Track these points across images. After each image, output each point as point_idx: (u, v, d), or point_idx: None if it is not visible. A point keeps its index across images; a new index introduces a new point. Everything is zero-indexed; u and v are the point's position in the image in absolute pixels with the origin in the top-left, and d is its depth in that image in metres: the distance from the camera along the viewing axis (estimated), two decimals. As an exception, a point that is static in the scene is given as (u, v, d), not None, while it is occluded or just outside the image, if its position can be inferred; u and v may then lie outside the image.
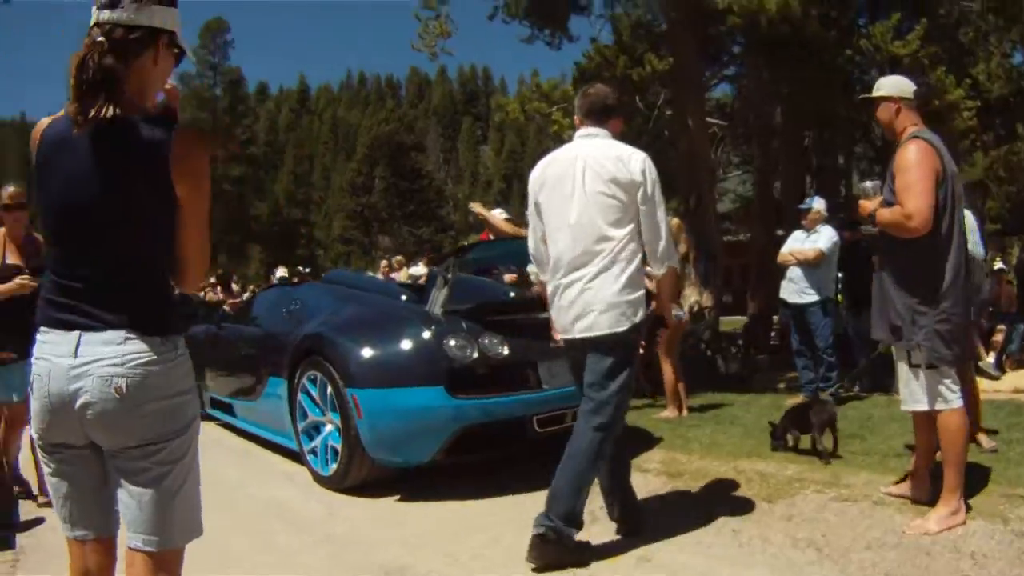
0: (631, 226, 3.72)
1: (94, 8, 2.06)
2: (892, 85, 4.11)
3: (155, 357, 2.02)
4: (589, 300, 3.69)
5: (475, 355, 4.96)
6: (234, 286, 19.82)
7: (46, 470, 2.13)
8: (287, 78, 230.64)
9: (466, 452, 5.00)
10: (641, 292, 3.78)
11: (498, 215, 7.16)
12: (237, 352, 7.16)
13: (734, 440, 5.90)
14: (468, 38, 14.43)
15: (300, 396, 5.55)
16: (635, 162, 3.72)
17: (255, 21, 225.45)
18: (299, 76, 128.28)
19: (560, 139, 12.95)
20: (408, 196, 63.62)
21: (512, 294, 6.26)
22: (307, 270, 20.81)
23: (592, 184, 3.70)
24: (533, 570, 3.62)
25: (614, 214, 3.69)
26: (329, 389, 5.21)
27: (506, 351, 5.09)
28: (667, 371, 7.32)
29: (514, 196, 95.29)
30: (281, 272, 18.43)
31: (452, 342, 4.95)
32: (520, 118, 13.48)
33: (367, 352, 5.10)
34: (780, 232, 12.80)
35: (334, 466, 5.21)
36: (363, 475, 5.11)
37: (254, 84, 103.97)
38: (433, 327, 5.07)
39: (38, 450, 2.14)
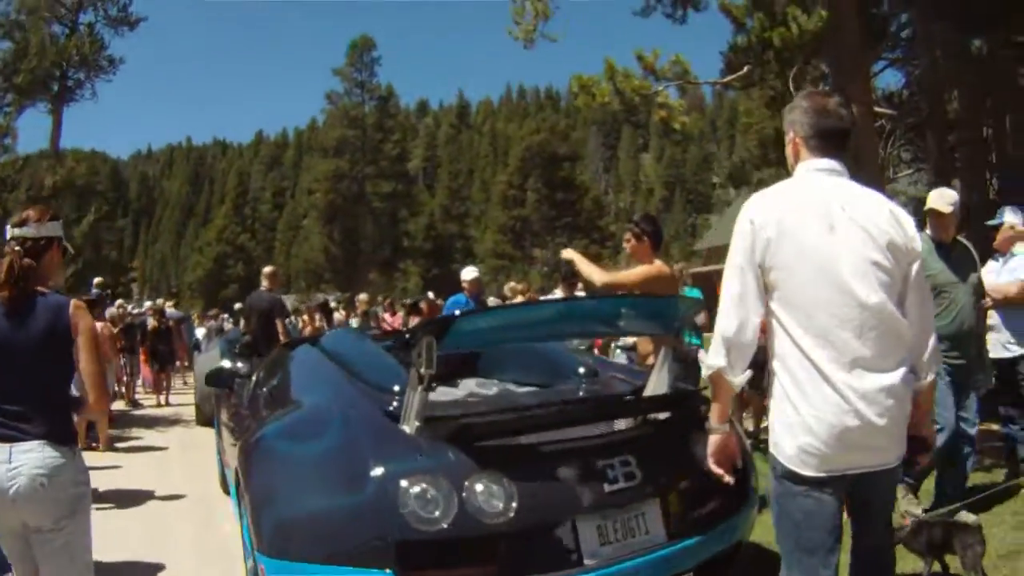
0: None
1: (8, 227, 3.21)
2: None
3: (64, 461, 2.95)
4: (899, 418, 2.53)
5: (450, 516, 2.97)
6: (338, 314, 17.89)
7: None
8: (447, 95, 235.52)
9: None
10: None
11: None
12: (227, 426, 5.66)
13: None
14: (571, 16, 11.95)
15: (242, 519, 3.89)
16: (909, 223, 2.66)
17: (413, 40, 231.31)
18: (458, 92, 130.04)
19: (669, 128, 10.24)
20: (564, 208, 61.74)
21: (540, 396, 4.31)
22: (431, 295, 19.06)
23: (865, 250, 2.52)
24: None
25: (894, 294, 2.55)
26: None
27: (513, 505, 3.05)
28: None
29: (676, 204, 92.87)
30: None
31: (413, 491, 2.96)
32: (612, 103, 10.46)
33: (279, 501, 3.33)
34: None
35: None
36: None
37: (414, 101, 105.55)
38: (389, 464, 3.09)
39: None
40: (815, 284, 2.48)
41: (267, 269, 10.04)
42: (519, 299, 11.09)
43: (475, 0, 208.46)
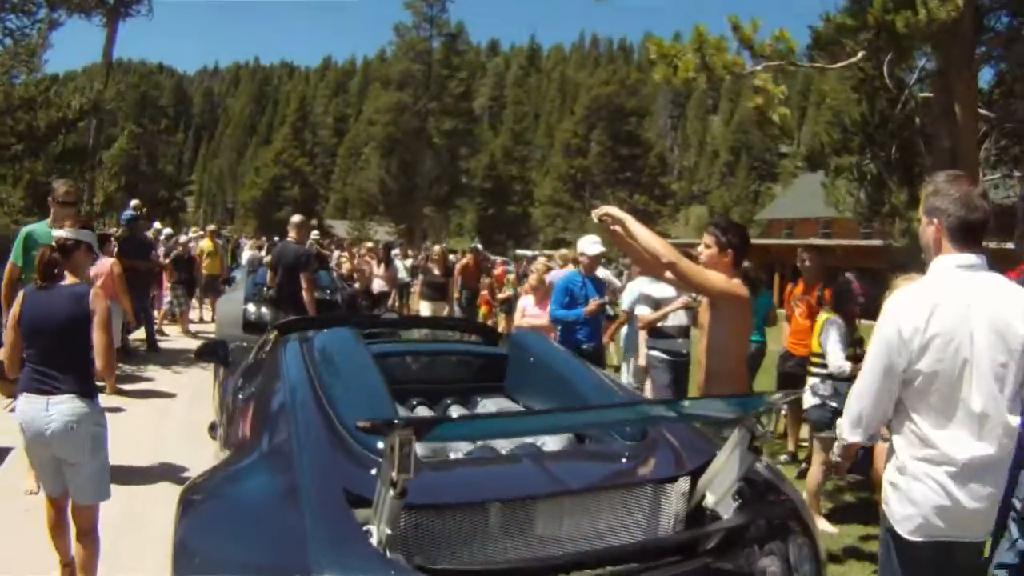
0: None
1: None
2: None
3: (88, 410, 3.87)
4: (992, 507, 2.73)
5: None
6: (399, 261, 16.70)
7: (32, 464, 4.31)
8: (519, 38, 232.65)
9: None
10: None
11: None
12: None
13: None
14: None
15: None
16: None
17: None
18: (530, 36, 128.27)
19: (765, 119, 8.77)
20: (626, 162, 60.39)
21: (576, 474, 2.91)
22: (479, 246, 18.03)
23: (992, 353, 2.62)
24: None
25: (1010, 391, 2.65)
26: None
27: None
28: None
29: (740, 169, 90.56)
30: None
31: None
32: (697, 80, 8.50)
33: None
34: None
35: None
36: None
37: (485, 41, 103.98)
38: None
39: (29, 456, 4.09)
40: (952, 393, 2.63)
41: (295, 219, 9.13)
42: (567, 268, 10.14)
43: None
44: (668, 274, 3.82)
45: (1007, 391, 2.62)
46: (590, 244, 6.93)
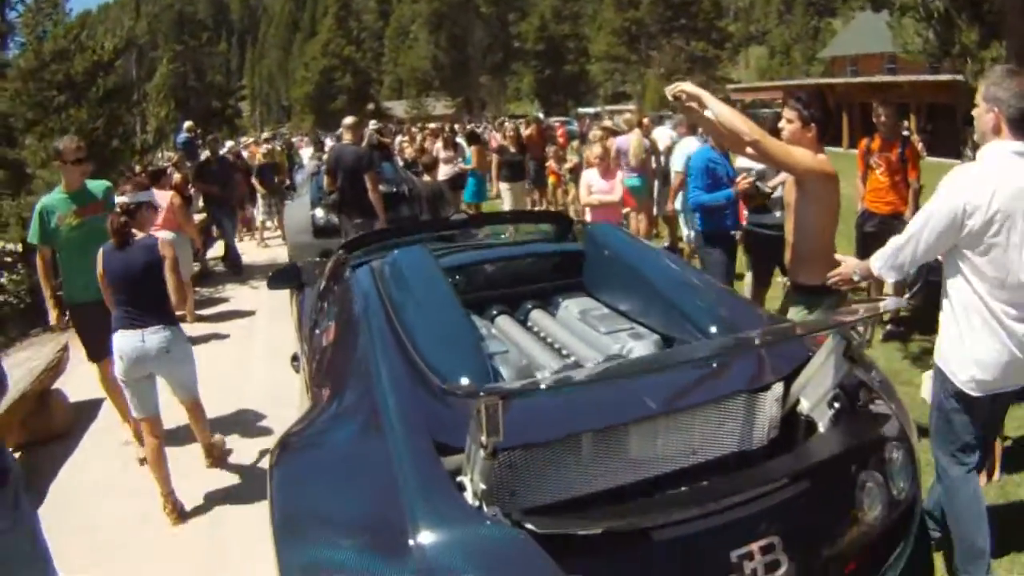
0: None
1: (116, 196, 5.27)
2: None
3: (174, 336, 4.65)
4: None
5: None
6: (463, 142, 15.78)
7: (128, 392, 4.65)
8: None
9: None
10: None
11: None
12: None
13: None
14: None
15: None
16: None
17: None
18: None
19: None
20: (680, 9, 57.66)
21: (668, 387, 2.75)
22: (540, 115, 17.23)
23: None
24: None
25: None
26: None
27: None
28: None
29: (797, 6, 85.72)
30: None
31: None
32: None
33: (304, 535, 2.29)
34: None
35: None
36: None
37: None
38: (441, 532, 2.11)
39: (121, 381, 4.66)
40: (1006, 262, 3.04)
41: (347, 121, 8.68)
42: (634, 134, 9.48)
43: None
44: (750, 151, 3.80)
45: None
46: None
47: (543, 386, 2.03)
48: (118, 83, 10.89)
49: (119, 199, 5.03)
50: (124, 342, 4.53)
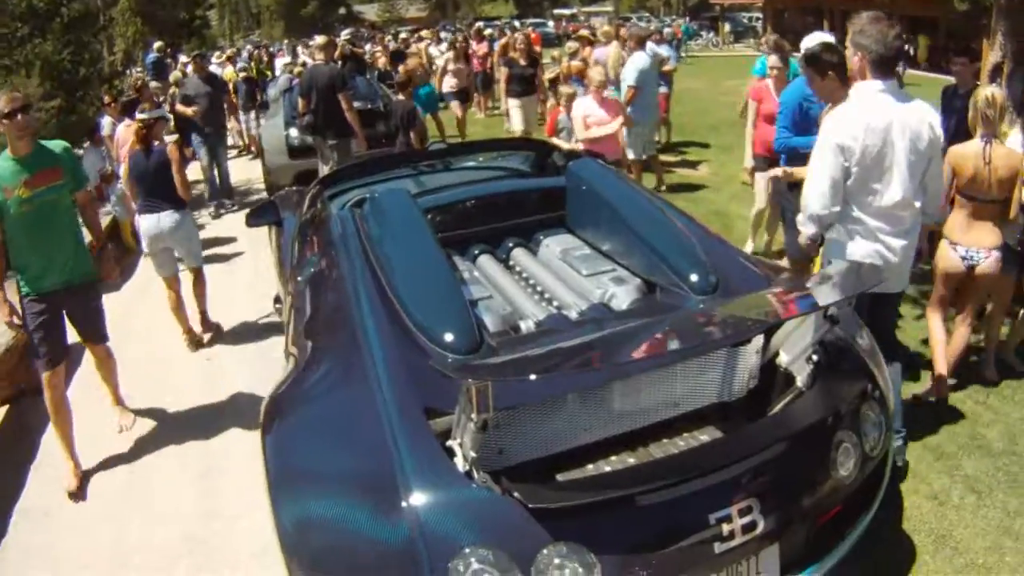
0: None
1: (136, 114, 6.19)
2: None
3: (184, 217, 6.03)
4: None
5: None
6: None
7: (153, 260, 6.12)
8: None
9: None
10: None
11: None
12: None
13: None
14: None
15: None
16: (938, 125, 3.63)
17: None
18: None
19: None
20: None
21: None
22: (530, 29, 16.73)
23: (907, 154, 3.53)
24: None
25: (917, 181, 3.63)
26: None
27: None
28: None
29: None
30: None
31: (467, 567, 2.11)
32: None
33: (298, 495, 2.46)
34: None
35: None
36: None
37: None
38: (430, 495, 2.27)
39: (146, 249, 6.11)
40: (878, 180, 3.53)
41: (318, 40, 8.76)
42: (612, 46, 9.27)
43: None
44: None
45: (915, 181, 3.55)
46: (815, 41, 4.53)
47: (532, 376, 2.04)
48: (82, 10, 10.62)
49: (139, 115, 6.07)
50: (146, 223, 5.95)
